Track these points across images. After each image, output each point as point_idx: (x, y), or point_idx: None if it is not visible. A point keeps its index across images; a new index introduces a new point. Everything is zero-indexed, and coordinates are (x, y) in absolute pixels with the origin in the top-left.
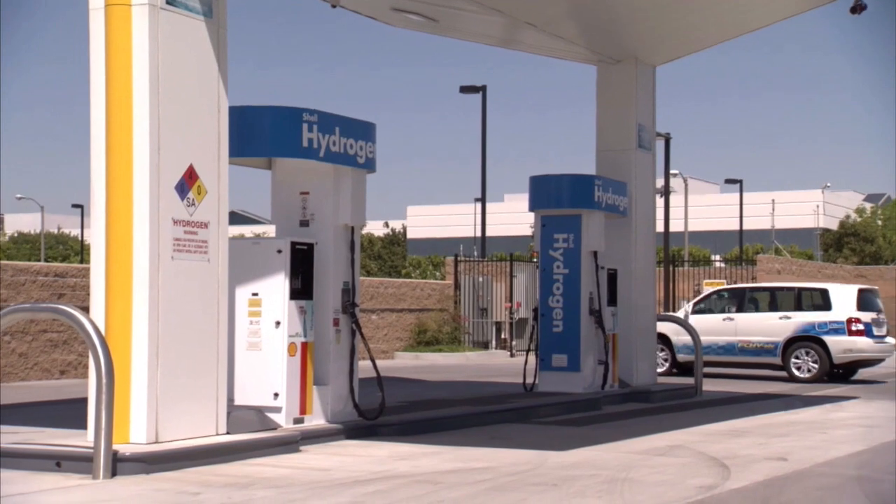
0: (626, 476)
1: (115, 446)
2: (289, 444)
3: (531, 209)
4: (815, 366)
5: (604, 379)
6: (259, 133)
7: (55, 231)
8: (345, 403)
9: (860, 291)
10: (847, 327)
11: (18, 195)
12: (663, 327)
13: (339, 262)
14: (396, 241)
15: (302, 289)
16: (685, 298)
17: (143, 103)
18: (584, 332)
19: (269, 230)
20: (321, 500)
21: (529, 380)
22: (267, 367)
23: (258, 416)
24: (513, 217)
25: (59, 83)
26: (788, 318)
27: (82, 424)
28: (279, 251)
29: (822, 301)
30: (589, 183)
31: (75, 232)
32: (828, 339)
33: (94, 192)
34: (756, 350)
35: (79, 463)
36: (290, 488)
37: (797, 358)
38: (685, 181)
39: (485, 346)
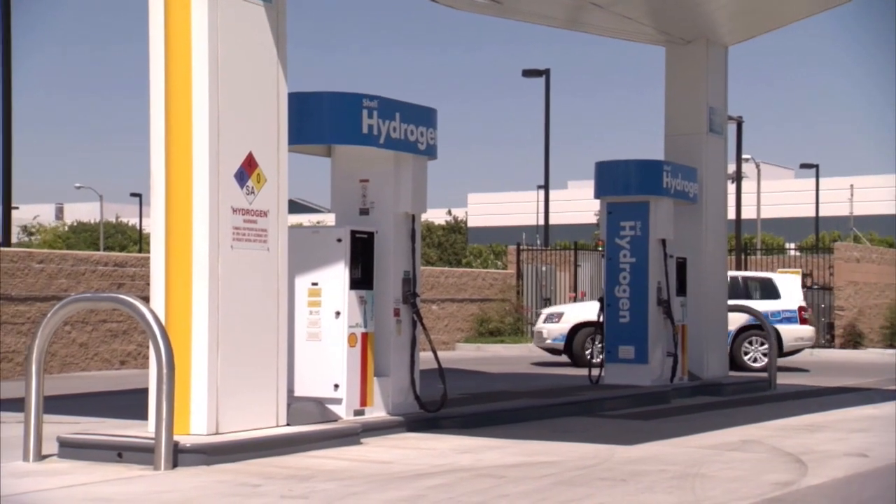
0: (698, 471)
1: (176, 437)
2: (349, 436)
3: (597, 196)
4: (765, 356)
5: (672, 371)
6: (318, 119)
7: (113, 220)
8: (406, 395)
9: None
10: (799, 315)
11: (77, 184)
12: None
13: (400, 251)
14: (457, 229)
15: (362, 278)
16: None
17: (202, 89)
18: (652, 322)
19: (328, 219)
20: (382, 493)
21: (595, 372)
22: (327, 358)
23: (318, 408)
24: (577, 204)
25: (117, 70)
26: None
27: (142, 415)
28: (339, 240)
29: (769, 290)
30: (657, 168)
31: (133, 221)
32: (781, 327)
33: (153, 181)
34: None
35: (140, 454)
36: (351, 481)
37: (748, 346)
38: (758, 166)
39: None
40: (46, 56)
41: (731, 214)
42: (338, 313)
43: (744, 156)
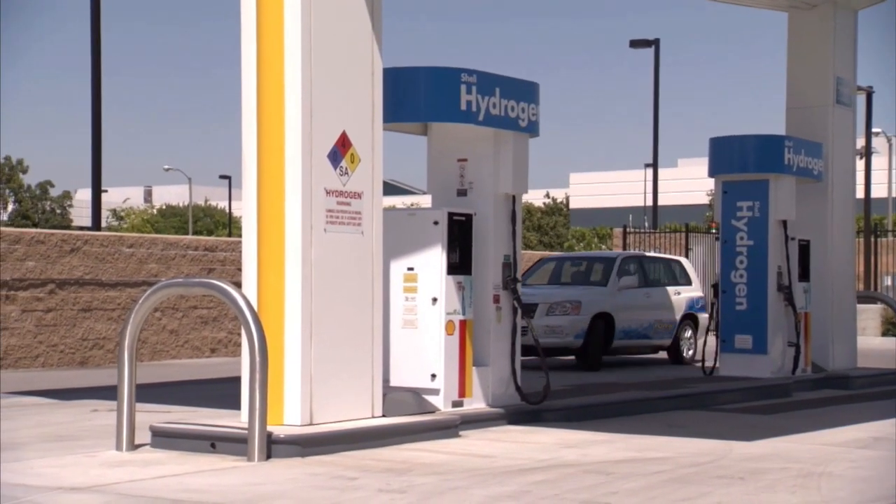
0: (823, 470)
1: (270, 428)
2: (448, 428)
3: (711, 174)
4: (690, 348)
5: (794, 362)
6: (414, 96)
7: (202, 203)
8: (506, 386)
9: None
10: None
11: (166, 166)
12: None
13: (500, 235)
14: (558, 210)
15: (460, 263)
16: (889, 273)
17: (294, 66)
18: (772, 310)
19: (422, 201)
20: (484, 488)
21: (709, 363)
22: (423, 347)
23: (415, 399)
24: (688, 184)
25: (208, 48)
26: (679, 293)
27: (234, 404)
28: (436, 223)
29: (681, 274)
30: (778, 144)
31: (223, 204)
32: (700, 316)
33: (244, 162)
34: (667, 330)
35: (233, 444)
36: (451, 475)
37: (682, 336)
38: (889, 141)
39: None
40: (135, 35)
41: (860, 193)
42: (435, 300)
43: (874, 129)
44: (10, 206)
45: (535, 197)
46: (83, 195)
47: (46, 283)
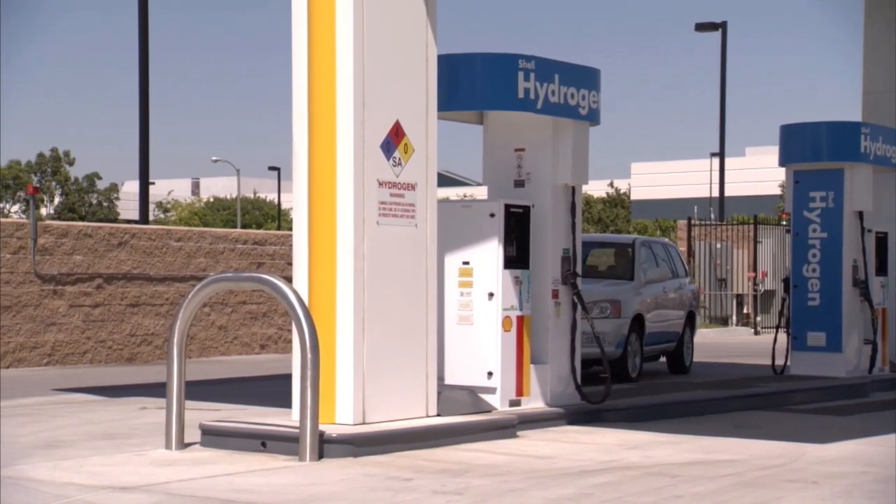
0: None
1: (322, 427)
2: (505, 428)
3: (782, 164)
4: (690, 352)
5: (871, 361)
6: (469, 84)
7: (251, 195)
8: (566, 385)
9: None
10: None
11: (214, 158)
12: None
13: (559, 227)
14: (619, 202)
15: (517, 256)
16: None
17: (346, 53)
18: (847, 306)
19: (477, 192)
20: (544, 490)
21: (779, 361)
22: (479, 344)
23: (471, 397)
24: (756, 174)
25: (257, 36)
26: (681, 286)
27: (285, 402)
28: (492, 215)
29: (678, 262)
30: (854, 131)
31: (272, 196)
32: (697, 314)
33: (295, 153)
34: (675, 332)
35: (284, 443)
36: (509, 476)
37: (685, 339)
38: None
39: (724, 321)
40: (183, 24)
41: None
42: (491, 294)
43: None
44: (57, 199)
45: (594, 188)
46: (130, 187)
47: (94, 277)
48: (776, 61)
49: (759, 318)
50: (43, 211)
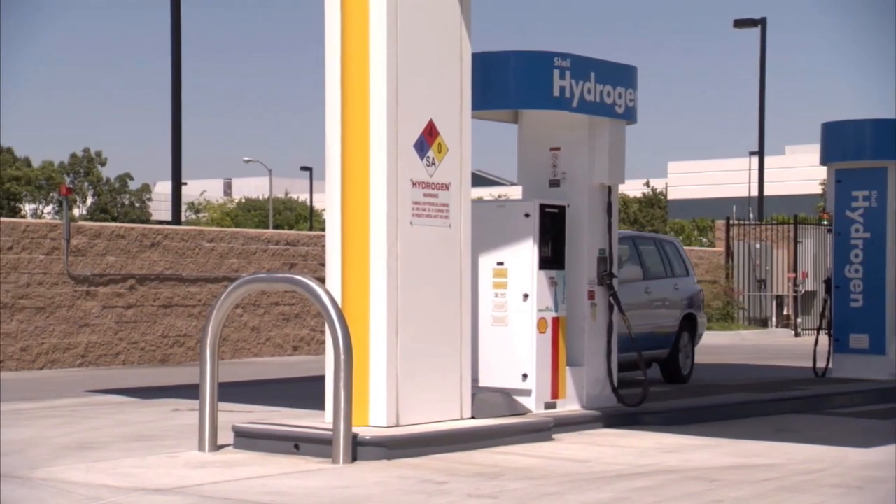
0: None
1: (355, 429)
2: (540, 431)
3: (823, 162)
4: (688, 359)
5: None
6: (504, 82)
7: (282, 196)
8: (602, 387)
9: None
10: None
11: (246, 158)
12: None
13: (595, 227)
14: (656, 202)
15: (552, 257)
16: None
17: (380, 52)
18: (891, 307)
19: (511, 192)
20: (580, 494)
21: (821, 364)
22: (514, 345)
23: (505, 400)
24: (797, 172)
25: (289, 34)
26: (677, 287)
27: (318, 404)
28: (527, 215)
29: (676, 261)
30: None
31: (304, 196)
32: (700, 318)
33: (328, 152)
34: (666, 337)
35: (317, 446)
36: (544, 480)
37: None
38: None
39: (763, 323)
40: (214, 23)
41: None
42: (526, 296)
43: None
44: (90, 200)
45: (631, 187)
46: (162, 188)
47: (127, 278)
48: (817, 58)
49: (799, 320)
50: (76, 212)
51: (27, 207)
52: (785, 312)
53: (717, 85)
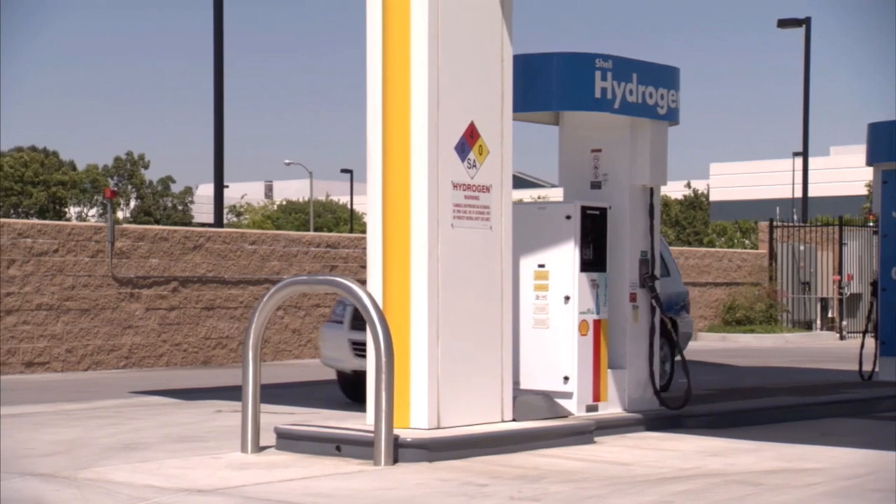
0: None
1: (396, 431)
2: (582, 433)
3: (869, 163)
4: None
5: None
6: (545, 84)
7: (323, 198)
8: (644, 390)
9: None
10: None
11: (287, 160)
12: None
13: (637, 229)
14: (697, 204)
15: (594, 259)
16: None
17: (421, 54)
18: None
19: (551, 194)
20: (622, 497)
21: (867, 367)
22: (555, 348)
23: (547, 402)
24: (841, 173)
25: (330, 36)
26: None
27: (358, 406)
28: (568, 217)
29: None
30: None
31: (344, 199)
32: (682, 322)
33: (369, 155)
34: None
35: (359, 448)
36: (587, 483)
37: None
38: None
39: (807, 326)
40: (255, 26)
41: None
42: (567, 298)
43: None
44: (133, 203)
45: (672, 189)
46: (204, 191)
47: (170, 280)
48: (863, 57)
49: (844, 323)
50: (119, 214)
51: (72, 210)
52: (830, 315)
53: (760, 85)
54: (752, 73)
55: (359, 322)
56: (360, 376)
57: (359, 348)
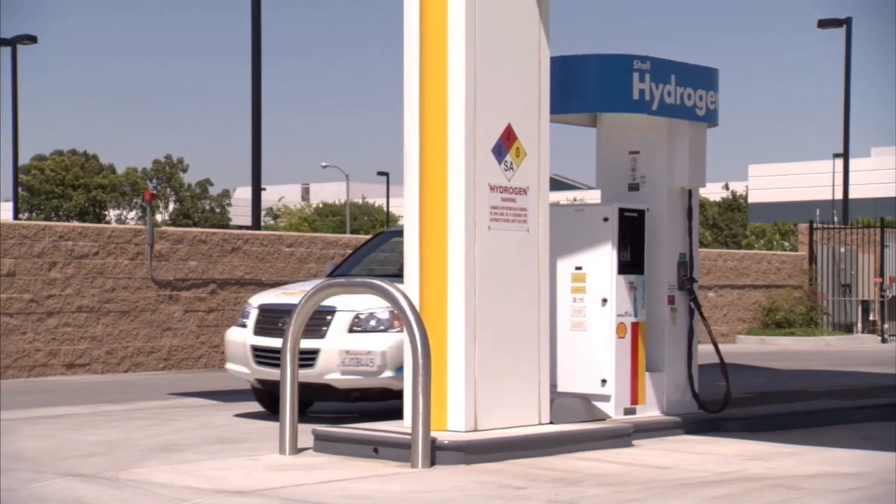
0: None
1: (434, 433)
2: (620, 437)
3: None
4: None
5: None
6: (582, 86)
7: (359, 201)
8: (682, 393)
9: None
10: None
11: (323, 163)
12: None
13: (675, 231)
14: (735, 206)
15: (631, 261)
16: None
17: (458, 56)
18: None
19: (588, 196)
20: (661, 501)
21: None
22: (592, 350)
23: (584, 405)
24: (883, 175)
25: (367, 38)
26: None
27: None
28: (605, 219)
29: None
30: None
31: (380, 201)
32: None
33: (406, 157)
34: None
35: (396, 450)
36: (625, 486)
37: None
38: None
39: (848, 329)
40: (294, 28)
41: None
42: (605, 300)
43: None
44: (171, 206)
45: (710, 191)
46: (241, 193)
47: (208, 282)
48: None
49: (886, 325)
50: (158, 217)
51: (111, 213)
52: (871, 318)
53: (800, 86)
54: (792, 73)
55: (264, 327)
56: (268, 386)
57: (261, 355)
